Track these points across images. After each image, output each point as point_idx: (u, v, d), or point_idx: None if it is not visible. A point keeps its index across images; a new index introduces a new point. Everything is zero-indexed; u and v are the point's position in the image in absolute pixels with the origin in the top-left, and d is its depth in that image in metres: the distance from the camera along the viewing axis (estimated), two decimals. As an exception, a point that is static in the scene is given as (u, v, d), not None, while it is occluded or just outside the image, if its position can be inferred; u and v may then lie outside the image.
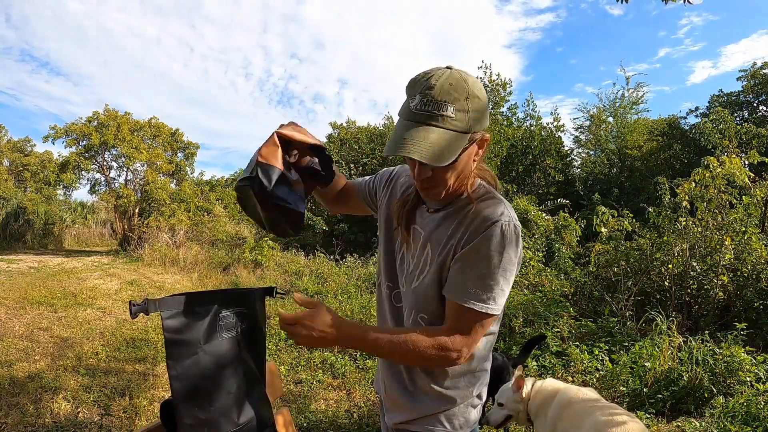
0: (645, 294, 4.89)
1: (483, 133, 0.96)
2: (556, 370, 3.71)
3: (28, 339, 4.53)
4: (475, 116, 0.91)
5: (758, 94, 13.53)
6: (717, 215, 4.77)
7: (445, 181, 0.97)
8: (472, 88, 0.91)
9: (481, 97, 0.92)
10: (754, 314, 4.26)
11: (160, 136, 15.82)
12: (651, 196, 8.35)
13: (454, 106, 0.88)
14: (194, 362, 1.01)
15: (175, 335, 1.00)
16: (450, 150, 0.88)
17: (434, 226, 1.06)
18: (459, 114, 0.89)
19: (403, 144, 0.88)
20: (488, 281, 0.95)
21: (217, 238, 11.48)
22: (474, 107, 0.90)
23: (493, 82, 12.48)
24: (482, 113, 0.93)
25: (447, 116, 0.88)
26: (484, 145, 0.99)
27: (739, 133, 10.87)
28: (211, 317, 1.05)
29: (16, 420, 2.89)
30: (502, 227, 0.95)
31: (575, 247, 7.67)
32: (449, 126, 0.88)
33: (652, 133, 13.71)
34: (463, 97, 0.89)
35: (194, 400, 1.01)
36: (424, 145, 0.87)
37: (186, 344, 1.01)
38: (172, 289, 7.46)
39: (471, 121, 0.90)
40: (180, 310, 1.01)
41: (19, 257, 10.97)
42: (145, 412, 3.13)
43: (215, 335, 1.05)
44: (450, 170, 0.95)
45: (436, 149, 0.87)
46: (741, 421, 2.73)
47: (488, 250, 0.95)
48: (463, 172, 0.99)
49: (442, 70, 0.92)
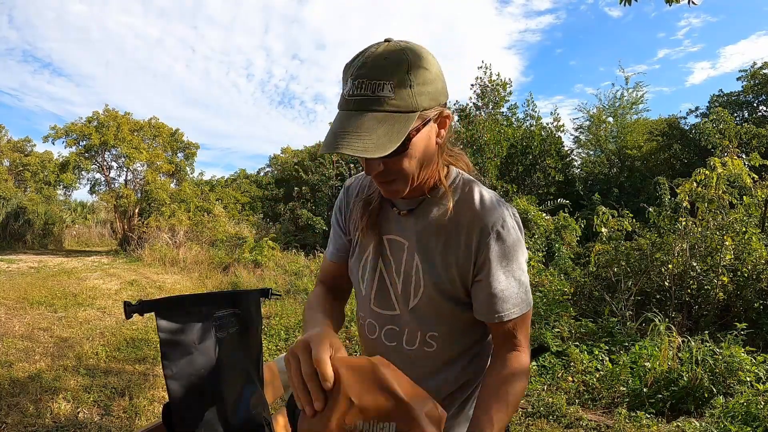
0: (645, 294, 4.89)
1: (441, 109, 0.80)
2: (556, 370, 3.71)
3: (28, 339, 4.53)
4: (421, 90, 0.75)
5: (758, 94, 13.53)
6: (717, 215, 4.78)
7: (403, 173, 0.80)
8: (413, 58, 0.75)
9: (429, 68, 0.76)
10: (754, 314, 4.26)
11: (160, 136, 15.83)
12: (651, 196, 8.35)
13: (392, 82, 0.73)
14: (189, 363, 1.02)
15: (170, 336, 1.01)
16: (391, 136, 0.72)
17: (419, 232, 0.90)
18: (400, 91, 0.73)
19: (336, 139, 0.72)
20: (520, 278, 0.88)
21: (217, 238, 11.48)
22: (420, 80, 0.74)
23: (493, 82, 12.48)
24: (433, 86, 0.77)
25: (383, 96, 0.73)
26: (446, 123, 0.83)
27: (739, 133, 10.87)
28: (206, 318, 1.06)
29: (16, 420, 2.88)
30: (507, 220, 0.86)
31: (575, 247, 7.67)
32: (388, 107, 0.73)
33: (652, 133, 13.72)
34: (404, 70, 0.73)
35: (190, 401, 1.02)
36: (358, 136, 0.72)
37: (181, 345, 1.02)
38: (172, 290, 7.46)
39: (417, 97, 0.74)
40: (174, 312, 1.02)
41: (19, 257, 10.96)
42: (145, 412, 3.13)
43: (209, 336, 1.06)
44: (405, 159, 0.78)
45: (373, 138, 0.71)
46: (741, 421, 2.73)
47: (505, 249, 0.85)
48: (424, 159, 0.82)
49: (377, 44, 0.77)
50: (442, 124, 0.83)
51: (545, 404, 3.18)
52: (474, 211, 0.87)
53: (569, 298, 4.90)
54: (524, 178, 12.23)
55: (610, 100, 14.45)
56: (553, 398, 3.24)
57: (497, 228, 0.85)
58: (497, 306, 0.86)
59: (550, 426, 2.98)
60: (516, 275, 0.87)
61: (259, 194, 17.92)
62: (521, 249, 0.88)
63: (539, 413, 3.12)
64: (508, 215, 0.87)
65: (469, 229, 0.86)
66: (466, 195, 0.89)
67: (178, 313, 1.02)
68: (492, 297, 0.86)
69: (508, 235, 0.85)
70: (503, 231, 0.85)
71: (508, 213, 0.87)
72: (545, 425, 2.99)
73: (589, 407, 3.26)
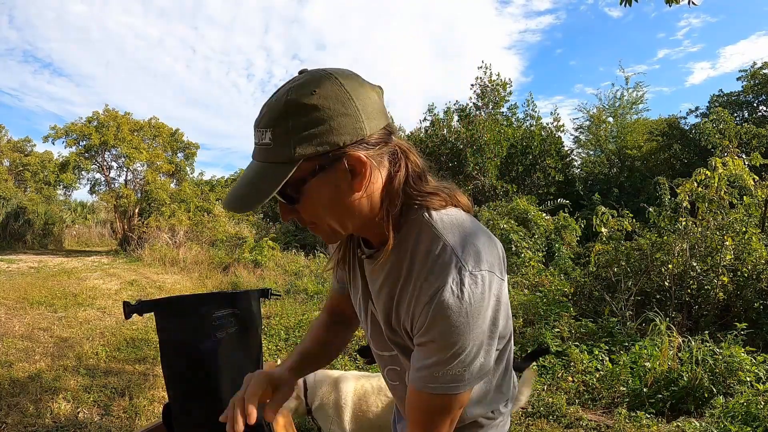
0: (645, 294, 4.89)
1: (348, 153, 0.66)
2: (556, 370, 3.71)
3: (28, 339, 4.53)
4: (304, 136, 0.64)
5: (758, 94, 13.53)
6: (717, 215, 4.78)
7: (312, 221, 0.73)
8: (299, 97, 0.64)
9: (318, 104, 0.64)
10: (754, 314, 4.26)
11: (160, 136, 15.84)
12: (651, 196, 8.35)
13: (272, 130, 0.66)
14: (188, 362, 1.02)
15: (170, 336, 1.01)
16: (259, 188, 0.66)
17: (378, 284, 0.80)
18: (277, 139, 0.65)
19: (230, 190, 0.72)
20: (461, 359, 0.68)
21: (217, 238, 11.48)
22: (301, 120, 0.64)
23: (493, 82, 12.49)
24: (324, 127, 0.65)
25: (264, 145, 0.67)
26: (363, 168, 0.68)
27: (739, 133, 10.87)
28: (205, 318, 1.06)
29: (16, 420, 2.88)
30: (452, 289, 0.66)
31: (575, 247, 7.67)
32: (267, 157, 0.67)
33: (652, 133, 13.71)
34: (286, 113, 0.65)
35: (189, 400, 1.02)
36: (237, 187, 0.70)
37: (180, 345, 1.02)
38: (172, 290, 7.46)
39: (295, 146, 0.64)
40: (174, 312, 1.02)
41: (19, 257, 10.97)
42: (145, 412, 3.13)
43: (208, 336, 1.06)
44: (306, 209, 0.71)
45: (244, 190, 0.68)
46: (741, 421, 2.73)
47: (444, 328, 0.67)
48: (340, 208, 0.71)
49: (287, 82, 0.69)
50: (359, 168, 0.68)
51: (545, 404, 3.18)
52: (421, 273, 0.71)
53: (569, 298, 4.90)
54: (524, 178, 12.24)
55: (610, 100, 14.47)
56: (553, 398, 3.24)
57: (442, 297, 0.67)
58: (419, 373, 0.72)
59: (550, 426, 2.98)
60: (456, 355, 0.68)
61: (259, 194, 17.87)
62: (479, 327, 0.67)
63: (539, 413, 3.12)
64: (461, 287, 0.67)
65: (418, 295, 0.71)
66: (426, 249, 0.72)
67: (178, 314, 1.03)
68: (422, 362, 0.72)
69: (448, 299, 0.66)
70: (444, 294, 0.67)
71: (460, 286, 0.67)
72: (545, 425, 2.98)
73: (589, 407, 3.26)
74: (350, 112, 0.66)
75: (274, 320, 5.24)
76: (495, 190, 11.07)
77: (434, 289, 0.67)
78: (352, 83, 0.68)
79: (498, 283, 0.71)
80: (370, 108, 0.69)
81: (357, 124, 0.67)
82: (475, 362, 0.70)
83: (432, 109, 12.81)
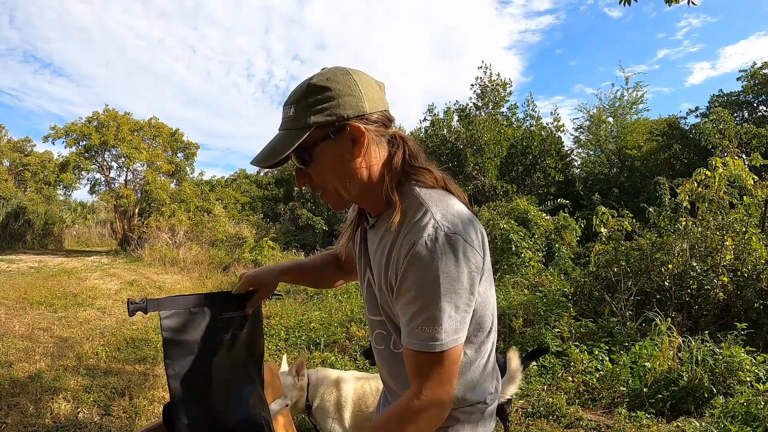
0: (645, 294, 4.89)
1: (350, 124, 0.83)
2: (556, 370, 3.71)
3: (28, 339, 4.53)
4: (318, 108, 0.82)
5: (758, 94, 13.53)
6: (717, 215, 4.77)
7: (324, 186, 0.88)
8: (317, 81, 0.83)
9: (333, 87, 0.82)
10: (754, 314, 4.26)
11: (160, 136, 15.84)
12: (651, 196, 8.35)
13: (295, 105, 0.84)
14: (191, 362, 1.02)
15: (173, 335, 1.00)
16: (276, 148, 0.84)
17: (374, 248, 0.92)
18: (298, 111, 0.83)
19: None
20: (431, 313, 0.77)
21: (217, 238, 11.48)
22: (316, 98, 0.82)
23: (493, 82, 12.48)
24: (333, 101, 0.82)
25: (288, 117, 0.85)
26: (362, 137, 0.83)
27: (739, 133, 10.87)
28: (209, 318, 1.05)
29: (16, 420, 2.88)
30: (426, 243, 0.77)
31: (575, 247, 7.66)
32: (288, 126, 0.85)
33: (652, 133, 13.72)
34: (306, 92, 0.83)
35: (191, 400, 1.02)
36: (261, 151, 0.87)
37: (183, 344, 1.01)
38: (172, 289, 7.46)
39: (311, 115, 0.82)
40: (178, 311, 1.02)
41: (19, 257, 10.97)
42: (145, 412, 3.13)
43: (213, 336, 1.05)
44: (314, 171, 0.87)
45: (265, 151, 0.86)
46: (741, 421, 2.73)
47: (417, 276, 0.77)
48: (342, 173, 0.86)
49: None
50: (357, 137, 0.83)
51: (545, 404, 3.18)
52: (407, 235, 0.81)
53: (569, 298, 4.90)
54: (524, 178, 12.24)
55: (611, 100, 14.48)
56: (553, 398, 3.24)
57: (412, 243, 0.78)
58: (403, 331, 0.83)
59: (550, 426, 2.98)
60: (425, 306, 0.77)
61: (259, 194, 17.94)
62: (446, 278, 0.76)
63: (539, 413, 3.12)
64: (435, 239, 0.77)
65: (398, 250, 0.82)
66: (412, 214, 0.83)
67: (182, 313, 1.02)
68: (403, 319, 0.83)
69: (421, 250, 0.77)
70: (418, 246, 0.77)
71: (435, 237, 0.77)
72: (545, 425, 2.98)
73: (589, 407, 3.26)
74: (354, 93, 0.83)
75: (274, 320, 5.24)
76: (495, 190, 11.07)
77: (412, 243, 0.78)
78: (359, 75, 0.86)
79: (474, 253, 0.80)
80: (371, 94, 0.86)
81: (359, 103, 0.83)
82: (449, 322, 0.78)
83: (432, 109, 12.82)
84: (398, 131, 0.91)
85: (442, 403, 0.81)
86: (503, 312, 4.53)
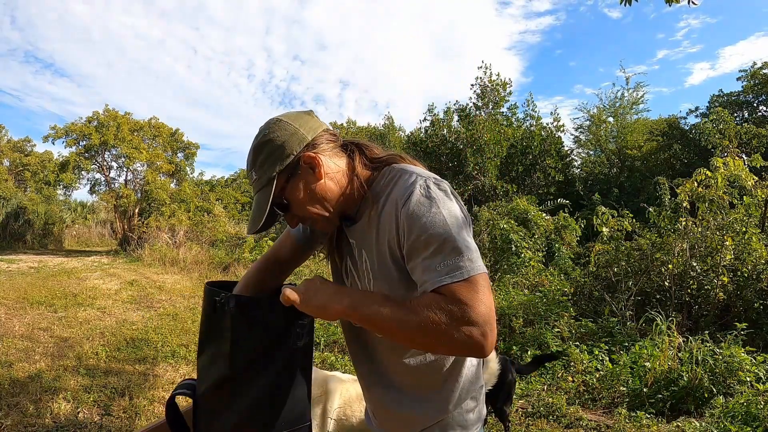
0: (645, 294, 4.89)
1: (301, 156, 0.92)
2: (556, 370, 3.71)
3: (28, 339, 4.53)
4: (269, 161, 0.92)
5: (758, 95, 13.53)
6: (717, 215, 4.77)
7: (311, 217, 0.96)
8: (260, 141, 0.94)
9: (273, 139, 0.92)
10: (754, 314, 4.26)
11: (160, 136, 15.84)
12: (651, 196, 8.35)
13: (254, 169, 0.94)
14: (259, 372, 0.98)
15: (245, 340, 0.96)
16: (260, 208, 0.93)
17: (361, 232, 0.97)
18: (259, 172, 0.93)
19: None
20: (450, 245, 0.80)
21: (217, 238, 11.48)
22: (265, 155, 0.92)
23: (493, 83, 12.48)
24: (279, 151, 0.92)
25: (254, 181, 0.95)
26: (315, 161, 0.92)
27: (738, 133, 10.87)
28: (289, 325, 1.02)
29: (16, 420, 2.88)
30: (421, 192, 0.85)
31: (575, 247, 7.66)
32: (256, 189, 0.95)
33: (652, 133, 13.72)
34: (256, 154, 0.94)
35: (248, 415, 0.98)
36: (249, 219, 0.98)
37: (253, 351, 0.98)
38: (172, 290, 7.46)
39: (268, 169, 0.92)
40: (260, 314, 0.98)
41: (19, 257, 10.97)
42: (145, 412, 3.13)
43: (286, 344, 1.02)
44: (298, 209, 0.95)
45: (252, 217, 0.95)
46: (741, 421, 2.73)
47: (423, 222, 0.82)
48: (320, 197, 0.94)
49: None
50: (311, 164, 0.93)
51: (545, 404, 3.18)
52: (391, 196, 0.91)
53: (569, 298, 4.90)
54: (524, 178, 12.23)
55: (611, 100, 14.46)
56: (553, 398, 3.24)
57: (405, 198, 0.86)
58: (426, 280, 0.81)
59: (550, 426, 2.98)
60: (441, 243, 0.80)
61: (259, 194, 17.88)
62: (449, 213, 0.83)
63: (539, 413, 3.12)
64: (425, 186, 0.87)
65: (389, 211, 0.90)
66: (390, 186, 0.93)
67: (263, 317, 0.99)
68: (419, 267, 0.83)
69: (418, 199, 0.85)
70: (412, 197, 0.85)
71: (425, 184, 0.87)
72: (545, 425, 2.98)
73: (589, 407, 3.26)
74: (292, 131, 0.93)
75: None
76: (495, 190, 11.07)
77: (406, 196, 0.86)
78: (288, 115, 0.97)
79: (459, 197, 0.91)
80: (307, 124, 0.95)
81: (300, 137, 0.93)
82: (468, 251, 0.80)
83: (432, 109, 12.82)
84: (347, 138, 1.03)
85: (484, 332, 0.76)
86: (503, 312, 4.53)
